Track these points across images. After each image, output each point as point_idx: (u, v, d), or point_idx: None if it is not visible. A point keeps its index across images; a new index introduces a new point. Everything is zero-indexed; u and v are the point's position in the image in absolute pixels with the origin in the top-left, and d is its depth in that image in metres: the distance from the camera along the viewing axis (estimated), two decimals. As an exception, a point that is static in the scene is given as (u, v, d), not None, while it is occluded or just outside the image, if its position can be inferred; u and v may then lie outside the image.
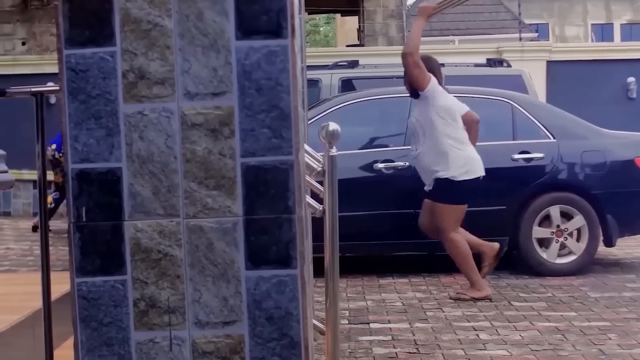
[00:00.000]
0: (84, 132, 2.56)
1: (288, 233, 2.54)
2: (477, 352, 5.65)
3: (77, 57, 2.56)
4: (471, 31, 34.30)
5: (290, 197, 2.54)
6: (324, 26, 56.38)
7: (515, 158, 8.54)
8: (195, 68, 2.55)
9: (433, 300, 7.33)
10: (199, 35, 2.55)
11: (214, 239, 2.55)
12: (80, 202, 2.57)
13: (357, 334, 6.19)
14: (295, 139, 2.55)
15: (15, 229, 12.48)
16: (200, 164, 2.55)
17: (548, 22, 46.69)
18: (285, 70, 2.55)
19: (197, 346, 2.57)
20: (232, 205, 2.54)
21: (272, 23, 2.55)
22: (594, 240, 8.48)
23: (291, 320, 2.56)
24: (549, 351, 5.64)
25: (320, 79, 11.62)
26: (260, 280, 2.55)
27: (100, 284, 2.57)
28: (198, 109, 2.55)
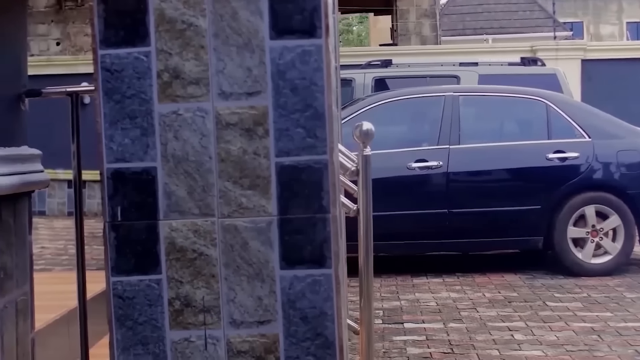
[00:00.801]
0: (118, 132, 2.57)
1: (322, 232, 2.54)
2: (512, 352, 5.62)
3: (112, 57, 2.57)
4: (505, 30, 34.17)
5: (324, 196, 2.54)
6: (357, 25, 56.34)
7: (550, 157, 8.50)
8: (229, 68, 2.55)
9: (467, 300, 7.30)
10: (233, 34, 2.55)
11: (249, 239, 2.54)
12: (115, 202, 2.58)
13: (391, 334, 6.18)
14: (329, 139, 2.54)
15: (50, 228, 12.57)
16: (235, 163, 2.55)
17: (582, 21, 46.39)
18: (319, 69, 2.55)
19: (231, 345, 2.57)
20: (266, 205, 2.54)
21: (306, 22, 2.55)
22: (629, 240, 8.42)
23: (325, 320, 2.55)
24: (584, 352, 5.61)
25: (353, 79, 11.62)
26: (295, 280, 2.55)
27: (135, 283, 2.58)
28: (232, 108, 2.55)
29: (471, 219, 8.44)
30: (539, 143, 8.67)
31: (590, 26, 46.49)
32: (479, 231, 8.51)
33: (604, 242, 8.39)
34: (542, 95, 8.90)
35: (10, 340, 3.09)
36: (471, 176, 8.66)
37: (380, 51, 16.46)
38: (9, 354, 3.07)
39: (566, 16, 43.77)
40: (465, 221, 8.44)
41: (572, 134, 8.66)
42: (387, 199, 8.14)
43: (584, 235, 8.41)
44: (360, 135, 3.69)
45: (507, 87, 9.22)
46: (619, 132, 8.76)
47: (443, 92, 9.02)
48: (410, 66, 12.18)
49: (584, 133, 8.62)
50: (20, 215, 3.22)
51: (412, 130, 9.42)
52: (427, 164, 8.49)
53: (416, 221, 8.45)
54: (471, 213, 8.43)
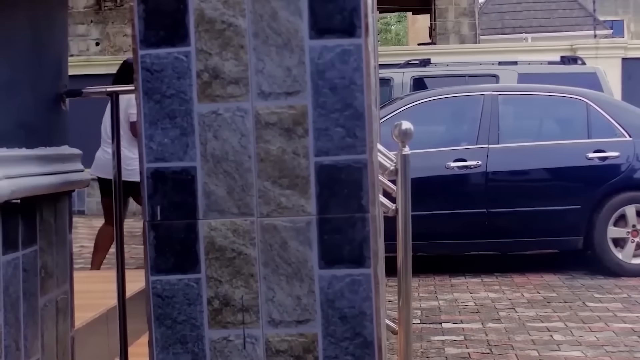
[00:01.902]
0: (158, 132, 2.59)
1: (361, 232, 2.54)
2: (551, 353, 5.59)
3: (152, 57, 2.58)
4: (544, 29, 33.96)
5: (363, 196, 2.54)
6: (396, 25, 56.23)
7: (590, 157, 8.43)
8: (269, 67, 2.56)
9: (506, 301, 7.27)
10: (273, 34, 2.56)
11: (288, 238, 2.55)
12: (154, 201, 2.59)
13: (429, 334, 6.16)
14: (368, 138, 2.54)
15: (89, 227, 12.64)
16: (274, 163, 2.55)
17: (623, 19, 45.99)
18: (358, 69, 2.55)
19: (270, 345, 2.58)
20: (305, 205, 2.54)
21: (346, 22, 2.55)
22: (671, 240, 8.35)
23: (364, 320, 2.55)
24: (624, 353, 5.56)
25: (392, 78, 11.61)
26: (334, 280, 2.55)
27: (174, 282, 2.59)
28: (272, 108, 2.55)
29: (510, 218, 8.39)
30: (579, 142, 8.60)
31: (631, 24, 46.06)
32: (517, 231, 8.47)
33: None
34: (582, 94, 8.84)
35: (50, 339, 3.11)
36: (510, 176, 8.61)
37: (418, 50, 16.43)
38: (49, 353, 3.09)
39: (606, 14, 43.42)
40: (504, 221, 8.40)
41: (612, 133, 8.58)
42: (425, 199, 8.11)
43: (624, 235, 8.34)
44: (399, 135, 3.68)
45: (546, 86, 9.16)
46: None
47: (482, 92, 8.97)
48: (449, 65, 12.14)
49: (625, 132, 8.54)
50: (60, 214, 3.24)
51: (450, 130, 9.40)
52: (465, 163, 8.45)
53: (455, 221, 8.42)
54: (510, 213, 8.38)
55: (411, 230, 3.72)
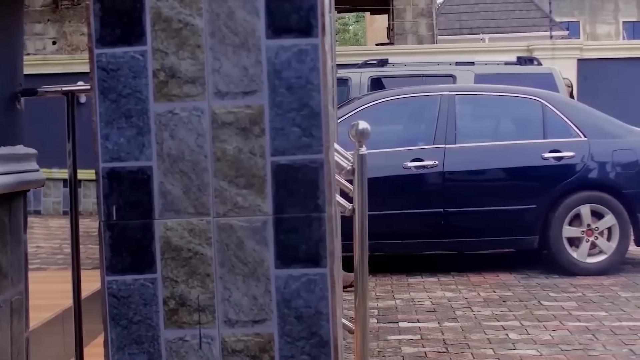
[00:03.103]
0: (114, 131, 2.57)
1: (318, 232, 2.54)
2: (507, 351, 5.63)
3: (108, 56, 2.57)
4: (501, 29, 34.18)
5: (320, 195, 2.54)
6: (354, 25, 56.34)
7: (546, 157, 8.51)
8: (225, 67, 2.55)
9: (462, 300, 7.31)
10: (230, 34, 2.55)
11: (244, 238, 2.55)
12: (110, 201, 2.58)
13: (386, 333, 6.18)
14: (325, 138, 2.55)
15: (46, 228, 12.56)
16: (231, 162, 2.55)
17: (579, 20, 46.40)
18: (315, 68, 2.55)
19: (226, 344, 2.57)
20: (262, 204, 2.54)
21: (303, 22, 2.55)
22: (625, 239, 8.44)
23: (321, 319, 2.55)
24: (579, 351, 5.62)
25: (350, 78, 11.63)
26: (290, 279, 2.55)
27: (130, 282, 2.58)
28: (228, 107, 2.55)
29: (467, 218, 8.45)
30: (535, 142, 8.67)
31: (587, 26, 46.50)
32: (474, 230, 8.52)
33: (599, 242, 8.40)
34: (538, 95, 8.91)
35: (4, 339, 3.09)
36: (467, 175, 8.66)
37: (376, 50, 16.48)
38: (4, 353, 3.07)
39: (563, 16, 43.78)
40: (461, 220, 8.45)
41: (567, 133, 8.67)
42: (383, 198, 8.15)
43: (579, 234, 8.42)
44: (356, 135, 3.69)
45: (503, 87, 9.23)
46: (614, 131, 8.78)
47: (439, 92, 9.02)
48: (407, 65, 12.18)
49: (580, 132, 8.63)
50: (15, 214, 3.22)
51: (408, 130, 9.43)
52: (422, 163, 8.49)
53: (412, 220, 8.46)
54: (467, 212, 8.44)
55: (368, 229, 3.73)
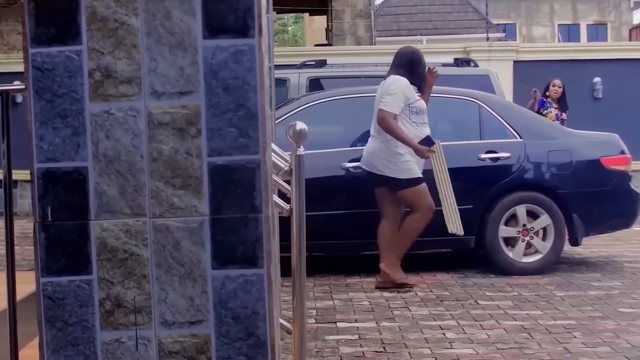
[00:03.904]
0: (49, 131, 2.55)
1: (254, 232, 2.54)
2: (444, 350, 5.67)
3: (43, 55, 2.55)
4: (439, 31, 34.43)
5: (257, 196, 2.54)
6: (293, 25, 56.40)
7: (482, 157, 8.58)
8: (162, 67, 2.55)
9: (400, 300, 7.35)
10: (166, 34, 2.55)
11: (181, 239, 2.54)
12: (45, 202, 2.56)
13: (324, 333, 6.19)
14: (262, 138, 2.55)
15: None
16: (167, 163, 2.54)
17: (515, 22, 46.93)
18: (252, 69, 2.55)
19: (163, 346, 2.57)
20: (198, 205, 2.54)
21: (239, 22, 2.55)
22: (559, 239, 8.54)
23: (257, 320, 2.56)
24: (514, 350, 5.68)
25: (288, 79, 11.62)
26: (227, 280, 2.55)
27: (65, 284, 2.56)
28: (165, 108, 2.54)
29: (404, 218, 8.49)
30: (472, 143, 8.74)
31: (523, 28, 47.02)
32: (412, 231, 8.55)
33: (534, 241, 8.50)
34: (475, 96, 8.98)
35: (-63, 342, 3.04)
36: (404, 176, 8.69)
37: (315, 51, 16.50)
38: (-63, 356, 3.02)
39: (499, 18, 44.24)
40: (399, 221, 8.48)
41: (504, 134, 8.75)
42: (321, 199, 8.16)
43: (515, 234, 8.50)
44: (294, 135, 3.70)
45: (440, 88, 9.26)
46: (549, 132, 8.89)
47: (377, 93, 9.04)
48: (345, 66, 12.21)
49: (516, 133, 8.72)
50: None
51: (346, 131, 9.43)
52: (360, 163, 8.51)
53: (350, 221, 8.47)
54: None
55: (306, 230, 3.74)
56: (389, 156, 7.78)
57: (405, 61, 8.02)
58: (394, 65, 8.08)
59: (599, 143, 9.02)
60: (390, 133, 7.70)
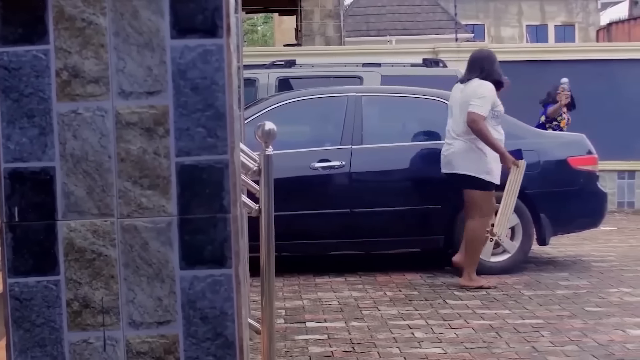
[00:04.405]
0: (16, 131, 2.54)
1: (223, 232, 2.54)
2: (413, 350, 5.69)
3: (10, 55, 2.53)
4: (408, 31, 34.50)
5: (225, 196, 2.54)
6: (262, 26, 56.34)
7: (451, 158, 8.60)
8: (130, 67, 2.54)
9: (369, 299, 7.37)
10: (134, 33, 2.54)
11: (149, 239, 2.53)
12: (12, 202, 2.54)
13: (293, 333, 6.20)
14: (230, 138, 2.55)
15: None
16: (135, 163, 2.53)
17: (484, 23, 47.12)
18: (220, 69, 2.55)
19: (131, 346, 2.56)
20: (166, 205, 2.53)
21: (208, 22, 2.55)
22: (527, 238, 8.59)
23: (226, 320, 2.56)
24: (483, 349, 5.71)
25: (257, 79, 11.62)
26: (195, 280, 2.55)
27: (33, 285, 2.55)
28: (132, 107, 2.53)
29: (373, 218, 8.51)
30: (440, 143, 8.77)
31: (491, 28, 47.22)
32: (381, 231, 8.58)
33: (502, 241, 8.54)
34: (444, 97, 9.01)
35: None
36: (373, 176, 8.72)
37: (284, 51, 16.48)
38: None
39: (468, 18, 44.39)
40: (368, 221, 8.50)
41: (472, 134, 8.77)
42: (290, 199, 8.16)
43: (484, 234, 8.53)
44: (262, 135, 3.70)
45: (409, 88, 9.31)
46: (518, 132, 8.92)
47: (346, 93, 9.07)
48: (314, 66, 12.23)
49: (484, 134, 8.74)
50: None
51: (315, 130, 9.46)
52: (329, 163, 8.53)
53: (319, 221, 8.48)
54: (373, 213, 8.50)
55: (275, 230, 3.74)
56: (473, 155, 7.83)
57: (485, 64, 8.02)
58: (474, 68, 8.06)
59: (566, 143, 9.09)
60: (481, 135, 7.74)
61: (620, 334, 6.06)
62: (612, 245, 10.58)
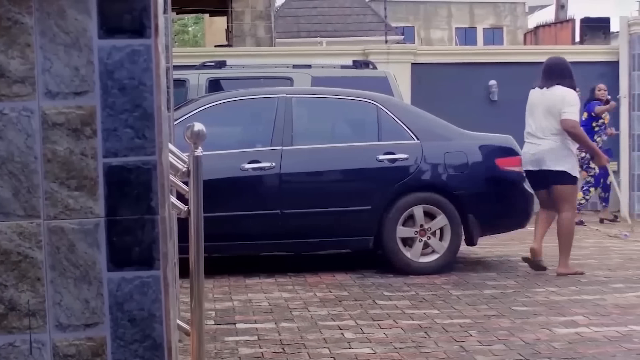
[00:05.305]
0: (-60, 131, 2.50)
1: (151, 234, 2.53)
2: (342, 350, 5.71)
3: None
4: (338, 33, 34.60)
5: (153, 197, 2.53)
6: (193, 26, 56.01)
7: (380, 159, 8.66)
8: (56, 67, 2.51)
9: (299, 300, 7.37)
10: (61, 33, 2.52)
11: (75, 241, 2.51)
12: None
13: (223, 335, 6.18)
14: (158, 139, 2.54)
15: None
16: (62, 164, 2.51)
17: (414, 26, 47.42)
18: (148, 69, 2.54)
19: (58, 349, 2.53)
20: (93, 206, 2.51)
21: (135, 22, 2.53)
22: (456, 239, 8.66)
23: (154, 322, 2.54)
24: (412, 349, 5.75)
25: (187, 79, 11.55)
26: (123, 282, 2.53)
27: (-43, 287, 2.51)
28: (59, 108, 2.51)
29: (303, 219, 8.51)
30: (370, 144, 8.82)
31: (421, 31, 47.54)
32: (311, 231, 8.59)
33: (431, 241, 8.61)
34: (373, 98, 9.06)
35: None
36: (303, 177, 8.73)
37: (215, 52, 16.41)
38: None
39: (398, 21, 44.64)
40: (298, 222, 8.51)
41: (401, 135, 8.83)
42: (220, 200, 8.14)
43: (413, 234, 8.60)
44: (192, 136, 3.69)
45: (339, 90, 9.33)
46: (446, 134, 9.01)
47: (276, 94, 9.06)
48: (245, 67, 12.19)
49: (413, 135, 8.81)
50: None
51: (245, 132, 9.43)
52: (260, 165, 8.51)
53: (249, 222, 8.46)
54: (303, 214, 8.51)
55: (205, 231, 3.73)
56: (565, 153, 8.43)
57: (564, 72, 8.61)
58: (554, 74, 8.62)
59: (493, 144, 9.18)
60: (579, 139, 8.50)
61: (546, 332, 6.15)
62: (539, 245, 10.72)
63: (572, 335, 6.06)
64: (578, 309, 6.89)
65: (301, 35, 34.56)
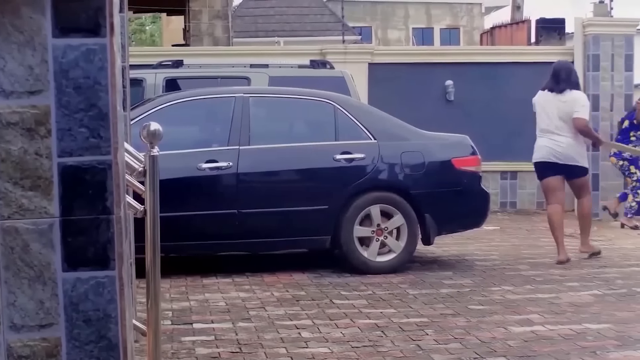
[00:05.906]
0: None
1: (106, 234, 2.51)
2: (299, 350, 5.72)
3: None
4: (296, 33, 34.62)
5: (108, 197, 2.51)
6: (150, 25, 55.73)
7: (337, 158, 8.68)
8: (10, 66, 2.49)
9: (256, 300, 7.37)
10: (15, 32, 2.49)
11: (30, 241, 2.49)
12: None
13: (180, 335, 6.17)
14: (113, 139, 2.52)
15: None
16: (16, 164, 2.49)
17: (371, 26, 47.54)
18: (103, 68, 2.52)
19: (12, 350, 2.51)
20: (48, 206, 2.50)
21: (91, 21, 2.52)
22: (412, 238, 8.71)
23: (109, 322, 2.53)
24: (368, 348, 5.77)
25: (144, 79, 11.50)
26: (78, 282, 2.51)
27: None
28: (13, 107, 2.49)
29: (260, 219, 8.52)
30: (327, 144, 8.83)
31: (379, 31, 47.67)
32: (268, 231, 8.60)
33: (388, 241, 8.64)
34: (330, 98, 9.08)
35: None
36: (260, 177, 8.73)
37: (172, 51, 16.35)
38: None
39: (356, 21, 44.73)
40: (255, 221, 8.51)
41: (358, 135, 8.86)
42: (176, 200, 8.12)
43: (370, 234, 8.63)
44: (148, 136, 3.67)
45: (296, 89, 9.35)
46: (403, 134, 9.05)
47: (233, 93, 9.05)
48: (202, 67, 12.16)
49: (370, 135, 8.84)
50: None
51: (202, 131, 9.42)
52: (217, 164, 8.50)
53: (206, 222, 8.45)
54: (260, 213, 8.51)
55: (162, 231, 3.72)
56: (582, 148, 9.40)
57: (572, 76, 9.49)
58: (564, 78, 9.35)
59: (450, 144, 9.24)
60: (587, 134, 9.37)
61: (502, 331, 6.20)
62: (495, 244, 10.82)
63: (527, 333, 6.12)
64: (533, 308, 6.95)
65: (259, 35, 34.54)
